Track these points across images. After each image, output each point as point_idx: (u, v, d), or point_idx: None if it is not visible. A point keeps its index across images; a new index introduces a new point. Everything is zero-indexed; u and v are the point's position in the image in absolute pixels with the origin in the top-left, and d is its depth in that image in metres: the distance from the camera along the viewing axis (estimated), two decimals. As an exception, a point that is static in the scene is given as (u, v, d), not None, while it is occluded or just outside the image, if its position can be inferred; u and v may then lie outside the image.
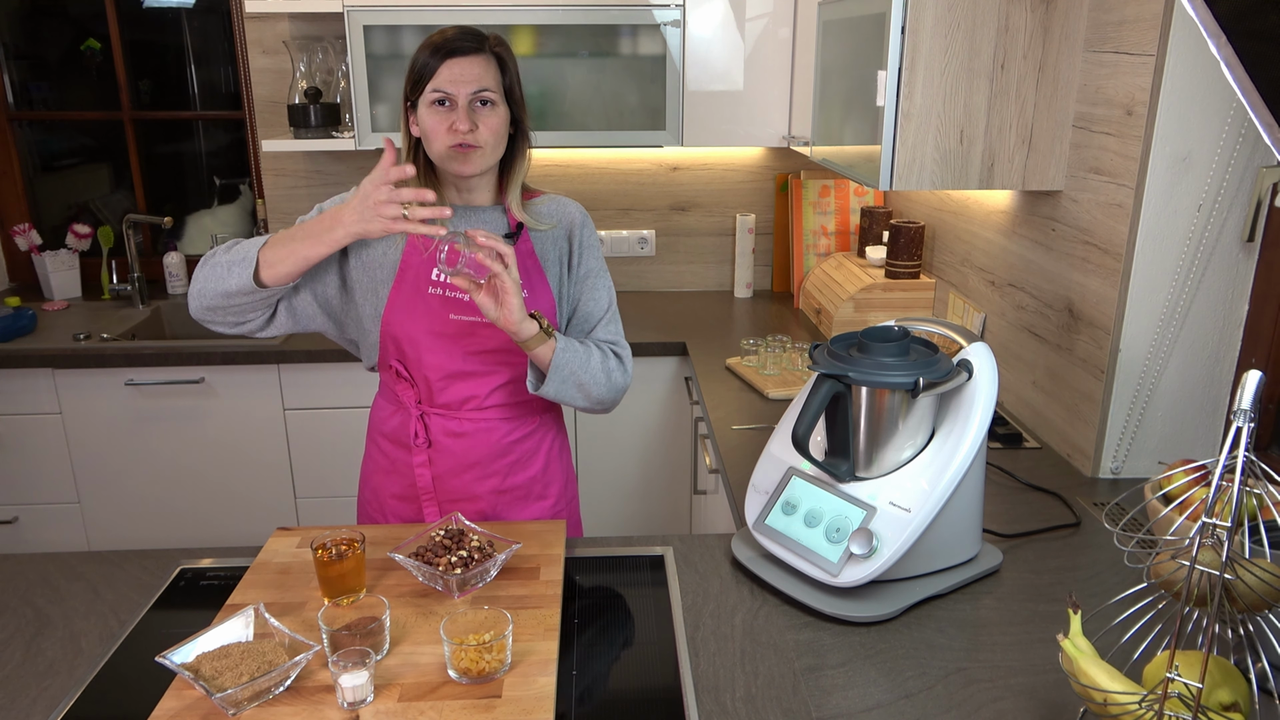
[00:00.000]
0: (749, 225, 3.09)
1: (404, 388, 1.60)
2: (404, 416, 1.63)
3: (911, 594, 1.34)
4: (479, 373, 1.58)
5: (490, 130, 1.49)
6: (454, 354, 1.57)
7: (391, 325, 1.55)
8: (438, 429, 1.61)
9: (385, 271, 1.55)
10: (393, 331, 1.55)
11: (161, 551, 1.50)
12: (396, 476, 1.66)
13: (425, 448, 1.61)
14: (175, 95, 3.26)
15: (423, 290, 1.55)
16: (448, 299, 1.54)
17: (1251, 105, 0.80)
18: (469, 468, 1.63)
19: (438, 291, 1.55)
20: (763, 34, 2.70)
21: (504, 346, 1.57)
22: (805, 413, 1.30)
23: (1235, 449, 0.87)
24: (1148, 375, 1.71)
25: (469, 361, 1.57)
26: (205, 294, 1.47)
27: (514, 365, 1.59)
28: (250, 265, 1.43)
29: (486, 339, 1.56)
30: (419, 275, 1.55)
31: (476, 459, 1.62)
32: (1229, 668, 0.99)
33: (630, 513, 2.86)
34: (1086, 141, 1.77)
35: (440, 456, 1.62)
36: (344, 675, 1.08)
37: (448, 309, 1.55)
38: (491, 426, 1.62)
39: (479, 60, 1.48)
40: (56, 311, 2.99)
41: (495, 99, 1.49)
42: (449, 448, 1.62)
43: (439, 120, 1.48)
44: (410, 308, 1.54)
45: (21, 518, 2.78)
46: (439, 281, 1.55)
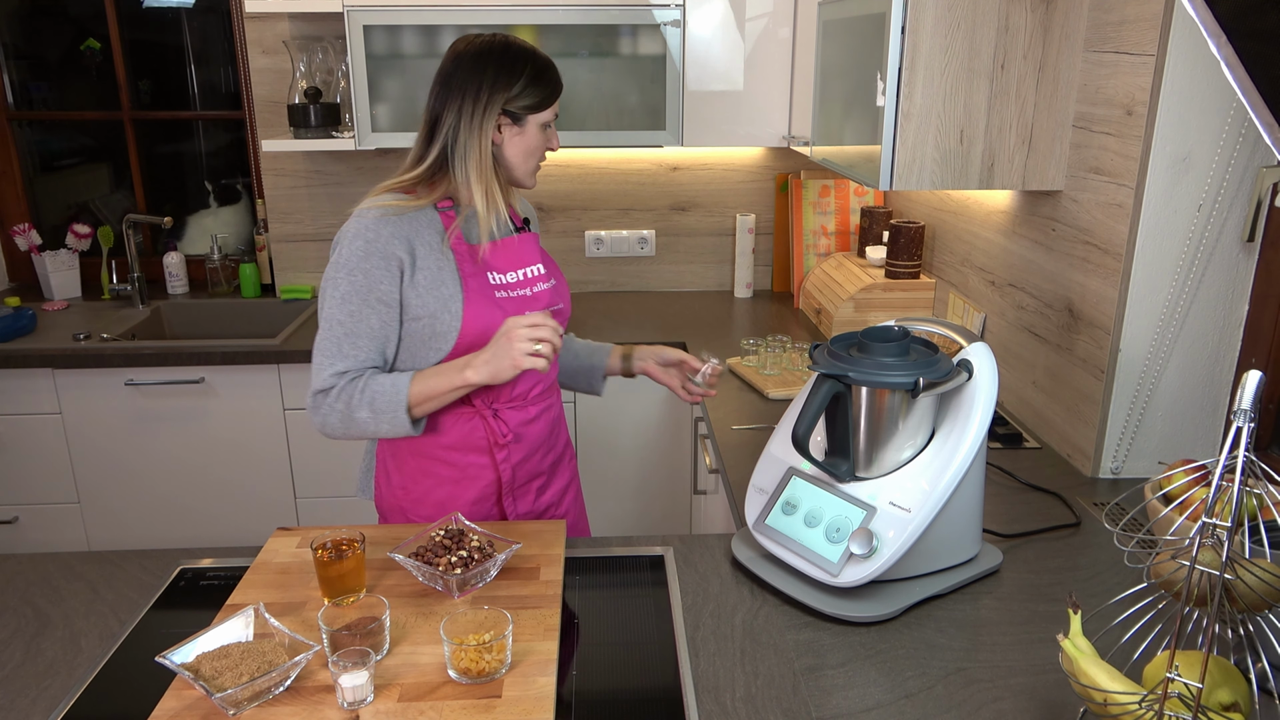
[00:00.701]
0: (749, 225, 3.09)
1: (477, 392, 1.58)
2: (472, 422, 1.60)
3: (911, 594, 1.34)
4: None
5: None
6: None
7: (472, 335, 1.53)
8: (515, 421, 1.64)
9: (449, 288, 1.52)
10: (474, 343, 1.53)
11: (161, 551, 1.50)
12: (468, 483, 1.63)
13: (513, 442, 1.64)
14: (175, 95, 3.26)
15: (492, 296, 1.56)
16: (515, 299, 1.58)
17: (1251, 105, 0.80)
18: (538, 449, 1.69)
19: (504, 294, 1.57)
20: (763, 34, 2.70)
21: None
22: (805, 413, 1.30)
23: (1235, 449, 0.87)
24: (1148, 375, 1.71)
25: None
26: (345, 437, 1.53)
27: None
28: (403, 420, 1.48)
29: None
30: (482, 284, 1.56)
31: (543, 438, 1.70)
32: (1229, 668, 0.99)
33: (630, 513, 2.86)
34: (1086, 141, 1.77)
35: (518, 446, 1.65)
36: (344, 675, 1.08)
37: (522, 307, 1.58)
38: (549, 405, 1.71)
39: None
40: (56, 311, 2.99)
41: None
42: (526, 435, 1.66)
43: (543, 140, 1.59)
44: (489, 316, 1.54)
45: (21, 518, 2.78)
46: (500, 284, 1.57)
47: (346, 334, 1.48)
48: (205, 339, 2.80)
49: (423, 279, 1.51)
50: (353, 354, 1.49)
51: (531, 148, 1.57)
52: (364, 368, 1.50)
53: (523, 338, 1.41)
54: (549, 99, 1.56)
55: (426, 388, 1.48)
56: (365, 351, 1.49)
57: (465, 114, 1.51)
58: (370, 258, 1.47)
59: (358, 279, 1.47)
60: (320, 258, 3.19)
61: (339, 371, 1.48)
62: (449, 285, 1.52)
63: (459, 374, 1.46)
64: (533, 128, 1.56)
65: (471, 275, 1.54)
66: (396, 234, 1.49)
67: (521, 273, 1.60)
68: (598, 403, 2.72)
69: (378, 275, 1.47)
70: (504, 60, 1.52)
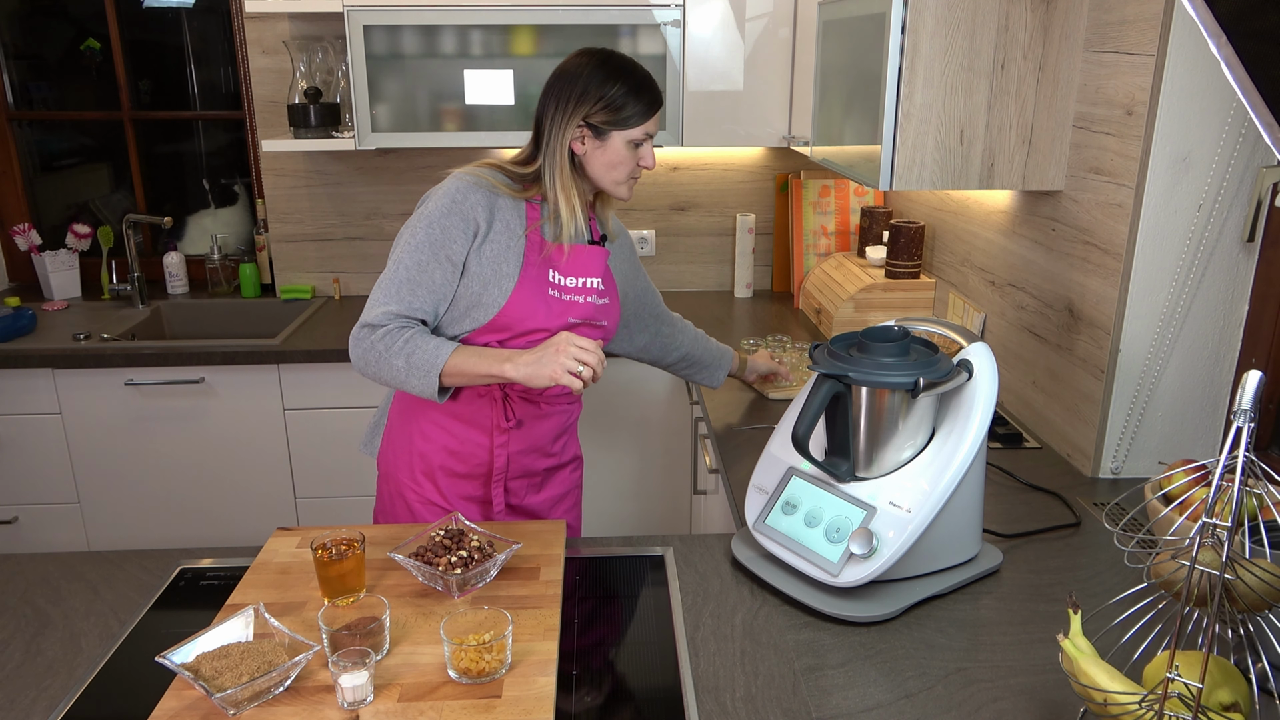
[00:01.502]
0: (749, 225, 3.09)
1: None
2: (485, 400, 1.65)
3: (911, 594, 1.34)
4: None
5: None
6: None
7: (510, 319, 1.57)
8: (524, 410, 1.67)
9: (510, 266, 1.57)
10: (509, 324, 1.57)
11: (161, 551, 1.50)
12: (462, 457, 1.68)
13: (515, 428, 1.67)
14: (175, 95, 3.26)
15: (543, 291, 1.60)
16: (565, 302, 1.61)
17: (1251, 105, 0.80)
18: (538, 448, 1.73)
19: (555, 294, 1.60)
20: (763, 34, 2.70)
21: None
22: (805, 413, 1.30)
23: (1235, 449, 0.87)
24: (1148, 375, 1.71)
25: None
26: (374, 377, 1.55)
27: None
28: (433, 383, 1.50)
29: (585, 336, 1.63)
30: (539, 275, 1.60)
31: (545, 440, 1.73)
32: (1229, 668, 0.99)
33: (630, 513, 2.86)
34: (1086, 141, 1.77)
35: (519, 436, 1.68)
36: (344, 675, 1.08)
37: (568, 312, 1.61)
38: (565, 411, 1.75)
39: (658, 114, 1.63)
40: (56, 311, 2.99)
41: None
42: (530, 430, 1.70)
43: (630, 155, 1.60)
44: (532, 306, 1.58)
45: (21, 518, 2.78)
46: (556, 284, 1.61)
47: (408, 280, 1.52)
48: (205, 339, 2.80)
49: (489, 250, 1.56)
50: (410, 300, 1.52)
51: (613, 162, 1.59)
52: (415, 317, 1.54)
53: (570, 355, 1.44)
54: (635, 117, 1.57)
55: (465, 363, 1.50)
56: (422, 301, 1.53)
57: (552, 122, 1.57)
58: (451, 215, 1.53)
59: (434, 233, 1.53)
60: (320, 257, 3.20)
61: (391, 312, 1.52)
62: (510, 264, 1.57)
63: (498, 364, 1.48)
64: (617, 142, 1.58)
65: (533, 265, 1.59)
66: (482, 203, 1.56)
67: (581, 281, 1.63)
68: (598, 402, 2.72)
69: (454, 234, 1.53)
70: (596, 73, 1.55)
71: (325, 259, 3.19)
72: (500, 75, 2.64)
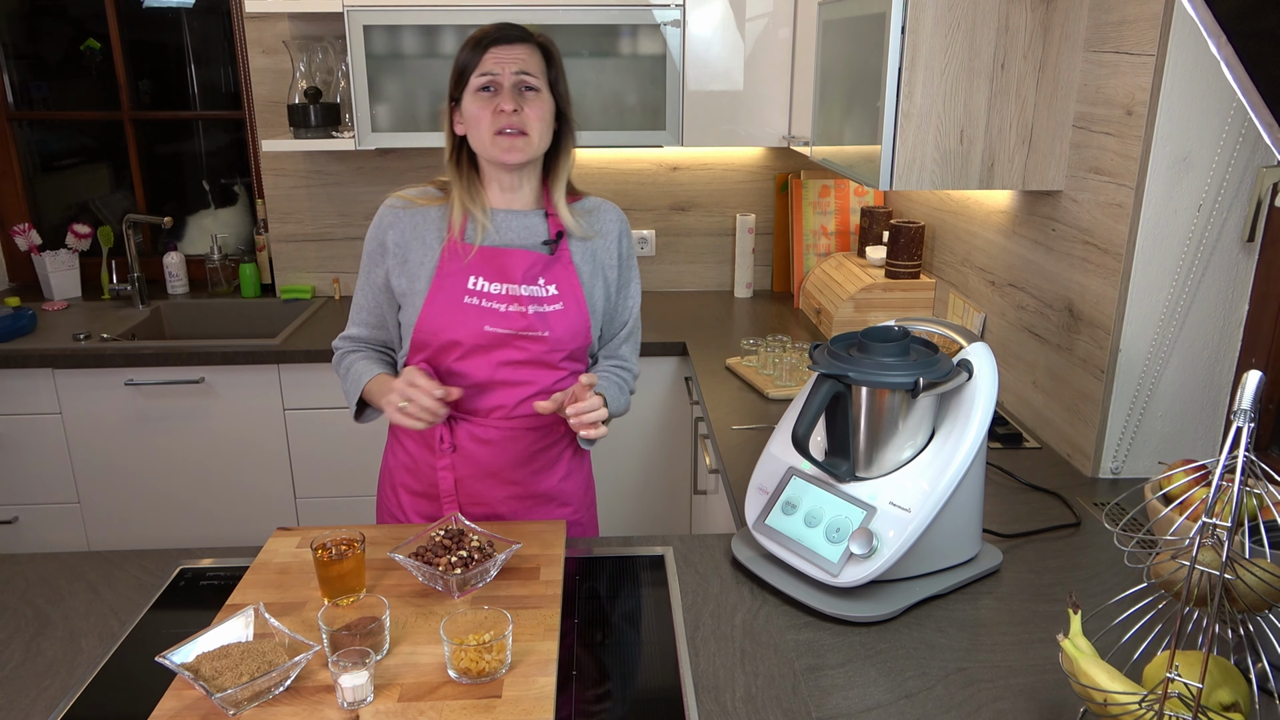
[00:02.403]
0: (749, 225, 3.09)
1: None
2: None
3: (911, 594, 1.34)
4: (510, 384, 1.56)
5: (536, 116, 1.49)
6: (486, 365, 1.54)
7: (425, 333, 1.53)
8: (464, 434, 1.59)
9: (423, 282, 1.54)
10: (426, 339, 1.53)
11: (161, 551, 1.50)
12: (417, 475, 1.64)
13: (450, 452, 1.60)
14: (175, 95, 3.26)
15: (459, 299, 1.52)
16: (484, 309, 1.52)
17: (1251, 105, 0.80)
18: (492, 474, 1.61)
19: (474, 301, 1.52)
20: (763, 34, 2.70)
21: (537, 360, 1.56)
22: (805, 413, 1.30)
23: (1235, 449, 0.87)
24: (1148, 375, 1.71)
25: (500, 372, 1.55)
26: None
27: (543, 379, 1.58)
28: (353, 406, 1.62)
29: (519, 350, 1.54)
30: (456, 283, 1.52)
31: (500, 466, 1.60)
32: (1229, 668, 0.99)
33: (630, 513, 2.86)
34: (1086, 141, 1.77)
35: (464, 461, 1.60)
36: (344, 675, 1.08)
37: (483, 319, 1.52)
38: (518, 436, 1.60)
39: (522, 47, 1.51)
40: (56, 311, 2.99)
41: (539, 86, 1.51)
42: (474, 454, 1.59)
43: (483, 105, 1.48)
44: (447, 316, 1.52)
45: (21, 518, 2.78)
46: (477, 291, 1.52)
47: (356, 306, 1.65)
48: (205, 339, 2.80)
49: (406, 270, 1.56)
50: (358, 321, 1.65)
51: (472, 119, 1.49)
52: (366, 338, 1.65)
53: (400, 393, 1.43)
54: (470, 62, 1.48)
55: (372, 393, 1.58)
56: (365, 325, 1.64)
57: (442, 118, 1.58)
58: (370, 242, 1.59)
59: (364, 261, 1.61)
60: (320, 257, 3.20)
61: (347, 335, 1.66)
62: (422, 280, 1.55)
63: (384, 397, 1.51)
64: (468, 100, 1.49)
65: (448, 275, 1.53)
66: (395, 225, 1.57)
67: (506, 288, 1.53)
68: (598, 403, 2.71)
69: (374, 260, 1.59)
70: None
71: (325, 259, 3.19)
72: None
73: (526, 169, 1.55)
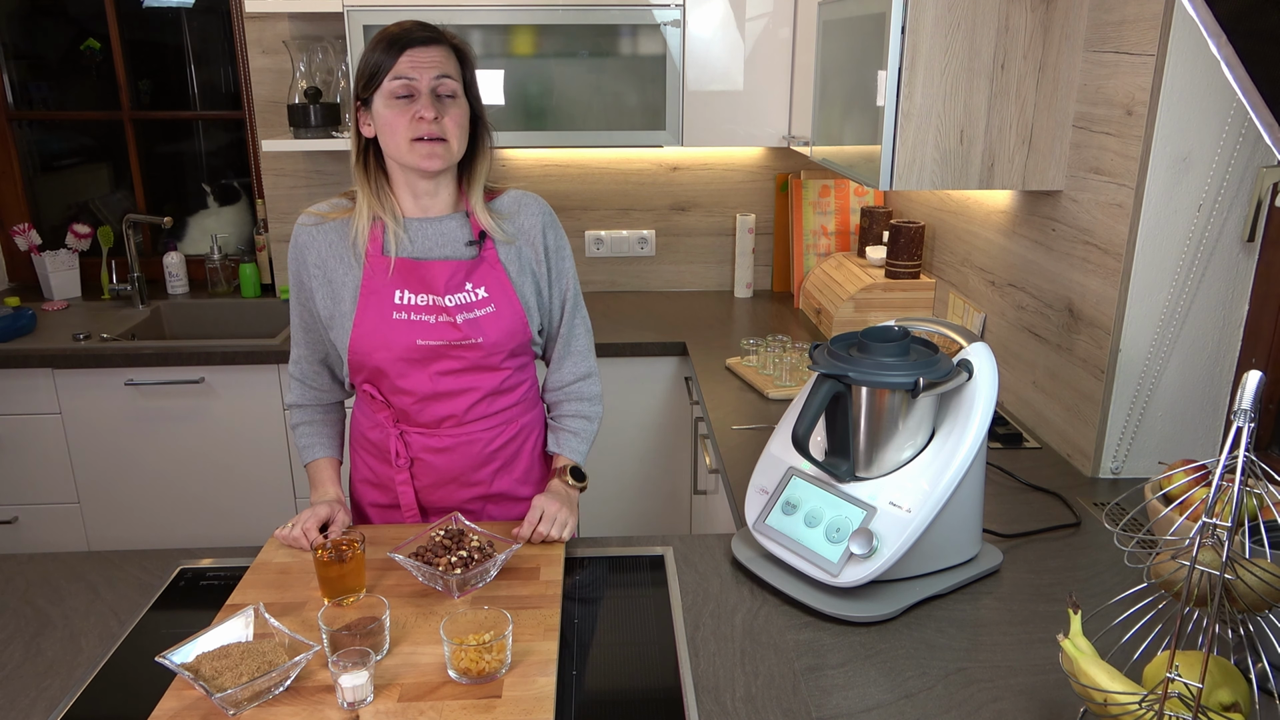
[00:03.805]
0: (749, 225, 3.09)
1: (379, 408, 1.56)
2: (383, 432, 1.58)
3: (911, 594, 1.34)
4: (454, 393, 1.53)
5: (454, 123, 1.44)
6: (425, 378, 1.51)
7: (359, 354, 1.50)
8: (419, 446, 1.57)
9: (348, 303, 1.50)
10: (360, 360, 1.51)
11: (161, 551, 1.50)
12: (380, 489, 1.63)
13: (407, 466, 1.58)
14: (175, 95, 3.26)
15: (387, 316, 1.48)
16: (413, 323, 1.48)
17: (1251, 105, 0.80)
18: (452, 480, 1.59)
19: (403, 316, 1.48)
20: (763, 34, 2.70)
21: (475, 366, 1.53)
22: (805, 413, 1.30)
23: (1235, 449, 0.87)
24: (1148, 375, 1.71)
25: (441, 383, 1.52)
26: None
27: (487, 383, 1.55)
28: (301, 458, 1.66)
29: (456, 360, 1.51)
30: (382, 300, 1.48)
31: (459, 471, 1.59)
32: (1229, 668, 0.99)
33: (630, 513, 2.86)
34: (1086, 141, 1.77)
35: (422, 471, 1.58)
36: (344, 675, 1.08)
37: (414, 334, 1.48)
38: (473, 439, 1.57)
39: (438, 50, 1.44)
40: (56, 311, 2.99)
41: (457, 90, 1.45)
42: (431, 463, 1.58)
43: (400, 112, 1.41)
44: (377, 335, 1.48)
45: (21, 518, 2.78)
46: (405, 305, 1.48)
47: (294, 327, 1.61)
48: (205, 339, 2.80)
49: (331, 290, 1.52)
50: (301, 342, 1.61)
51: (386, 126, 1.43)
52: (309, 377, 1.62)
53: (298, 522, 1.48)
54: (378, 70, 1.41)
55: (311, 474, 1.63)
56: (306, 346, 1.61)
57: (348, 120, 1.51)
58: (293, 263, 1.55)
59: (291, 281, 1.57)
60: (320, 258, 3.20)
61: (295, 359, 1.62)
62: (347, 301, 1.50)
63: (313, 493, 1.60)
64: (380, 105, 1.43)
65: (374, 291, 1.48)
66: (311, 244, 1.53)
67: (434, 299, 1.48)
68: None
69: (298, 280, 1.56)
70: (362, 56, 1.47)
71: (325, 259, 3.19)
72: (497, 75, 2.64)
73: (443, 174, 1.50)
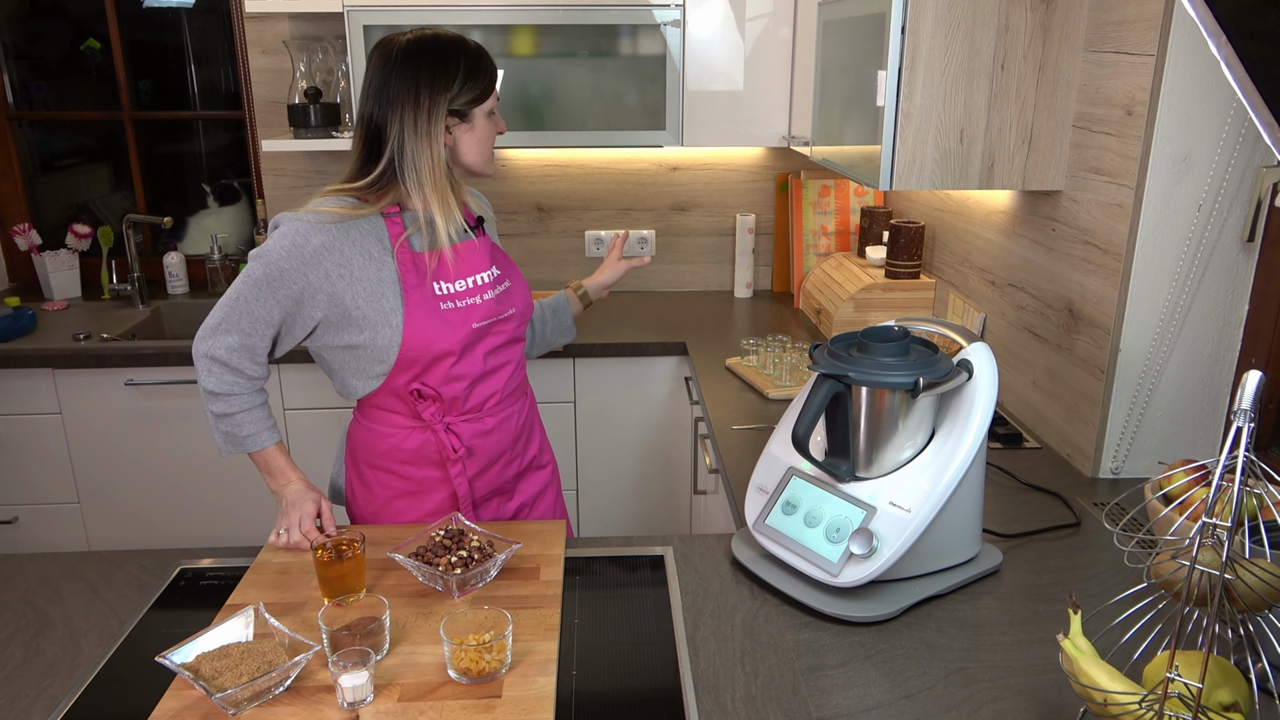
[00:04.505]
0: (749, 225, 3.09)
1: (425, 407, 1.57)
2: (424, 435, 1.60)
3: (911, 594, 1.34)
4: (496, 368, 1.63)
5: None
6: (478, 359, 1.59)
7: (414, 349, 1.50)
8: (469, 434, 1.62)
9: (390, 300, 1.50)
10: (414, 358, 1.51)
11: (161, 551, 1.50)
12: (426, 496, 1.63)
13: (466, 457, 1.62)
14: (175, 95, 3.26)
15: (436, 309, 1.52)
16: (461, 309, 1.54)
17: (1251, 105, 0.80)
18: (497, 460, 1.68)
19: (449, 305, 1.53)
20: (763, 34, 2.70)
21: (512, 338, 1.65)
22: (805, 413, 1.30)
23: (1235, 449, 0.87)
24: (1148, 375, 1.71)
25: (489, 361, 1.61)
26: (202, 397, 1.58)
27: (516, 353, 1.69)
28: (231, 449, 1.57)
29: (498, 335, 1.62)
30: (426, 295, 1.51)
31: (503, 449, 1.68)
32: (1229, 668, 0.99)
33: (630, 513, 2.86)
34: (1086, 141, 1.77)
35: (474, 460, 1.64)
36: (344, 675, 1.08)
37: (469, 319, 1.55)
38: (510, 414, 1.68)
39: None
40: (56, 311, 2.99)
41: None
42: (482, 448, 1.64)
43: (492, 127, 1.57)
44: (429, 334, 1.51)
45: (21, 518, 2.78)
46: (447, 295, 1.53)
47: (246, 312, 1.50)
48: (205, 339, 2.80)
49: (362, 290, 1.48)
50: (248, 330, 1.51)
51: (483, 138, 1.56)
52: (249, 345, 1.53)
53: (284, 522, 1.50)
54: (489, 87, 1.54)
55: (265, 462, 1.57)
56: (257, 335, 1.52)
57: (410, 123, 1.46)
58: (292, 258, 1.46)
59: (272, 272, 1.47)
60: (320, 258, 3.19)
61: (231, 347, 1.52)
62: (390, 298, 1.50)
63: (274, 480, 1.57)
64: (480, 119, 1.54)
65: (415, 287, 1.51)
66: (333, 245, 1.47)
67: (470, 280, 1.56)
68: (598, 402, 2.72)
69: (293, 275, 1.47)
70: (436, 59, 1.47)
71: (325, 259, 3.19)
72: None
73: None
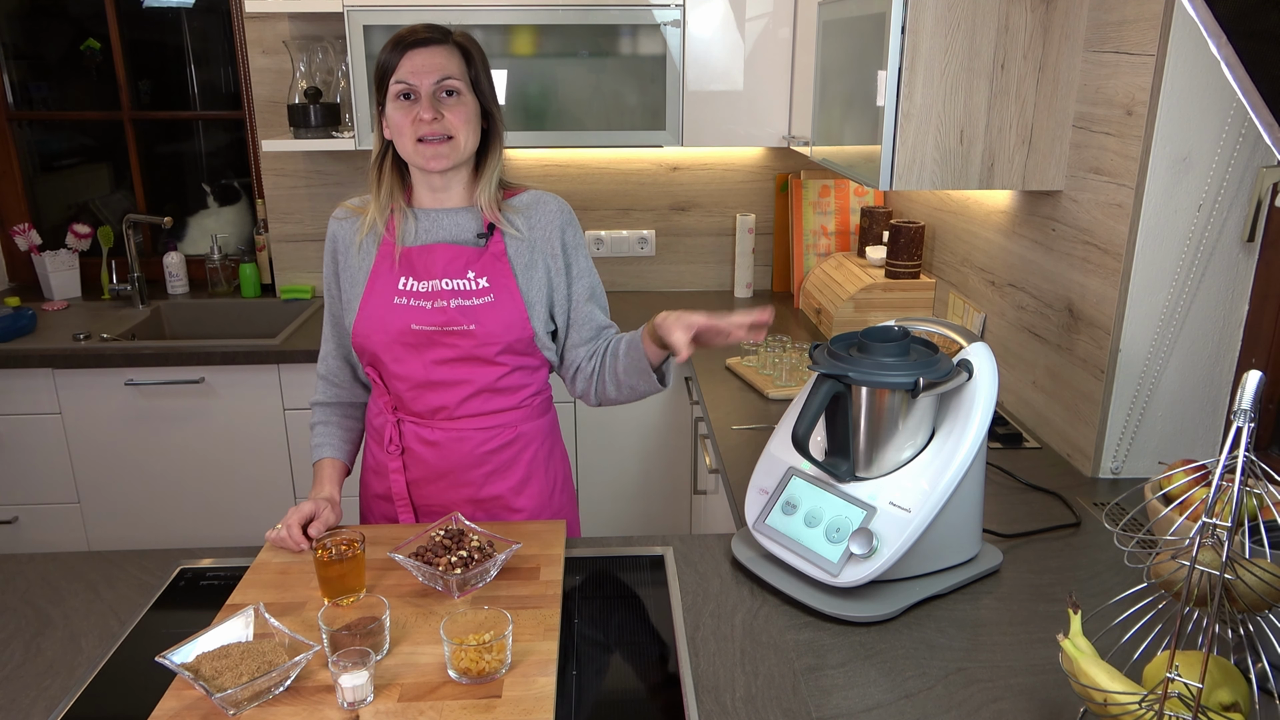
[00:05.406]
0: (749, 225, 3.09)
1: (379, 393, 1.60)
2: (383, 419, 1.62)
3: (911, 594, 1.34)
4: (446, 383, 1.55)
5: (459, 120, 1.47)
6: (418, 364, 1.54)
7: (359, 335, 1.55)
8: (411, 435, 1.59)
9: (359, 287, 1.57)
10: (361, 343, 1.56)
11: (161, 551, 1.50)
12: (380, 477, 1.65)
13: (399, 454, 1.60)
14: (175, 95, 3.26)
15: (388, 301, 1.53)
16: (410, 308, 1.52)
17: (1251, 105, 0.80)
18: (441, 476, 1.60)
19: (403, 301, 1.53)
20: (763, 34, 2.70)
21: (467, 357, 1.53)
22: (805, 413, 1.30)
23: (1235, 449, 0.87)
24: (1148, 375, 1.71)
25: (434, 371, 1.54)
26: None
27: (482, 377, 1.55)
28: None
29: (449, 348, 1.52)
30: (387, 285, 1.54)
31: (449, 468, 1.59)
32: (1229, 668, 0.99)
33: (630, 513, 2.86)
34: (1086, 141, 1.77)
35: (414, 463, 1.60)
36: (344, 675, 1.08)
37: (409, 318, 1.51)
38: (464, 436, 1.58)
39: (440, 50, 1.48)
40: (56, 311, 2.99)
41: (461, 88, 1.48)
42: (422, 455, 1.59)
43: (404, 114, 1.47)
44: (377, 318, 1.54)
45: (21, 518, 2.78)
46: (407, 291, 1.53)
47: (325, 323, 1.67)
48: (205, 339, 2.80)
49: (348, 277, 1.60)
50: (329, 338, 1.67)
51: (394, 127, 1.49)
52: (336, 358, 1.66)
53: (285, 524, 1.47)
54: (387, 75, 1.47)
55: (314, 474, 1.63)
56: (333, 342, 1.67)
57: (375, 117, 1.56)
58: (327, 255, 1.63)
59: (325, 275, 1.64)
60: (320, 258, 3.19)
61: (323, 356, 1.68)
62: (358, 285, 1.58)
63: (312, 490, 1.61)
64: (389, 107, 1.49)
65: (381, 275, 1.55)
66: (337, 235, 1.61)
67: (433, 284, 1.52)
68: (598, 403, 2.72)
69: (327, 264, 1.63)
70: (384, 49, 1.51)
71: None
72: (498, 75, 2.64)
73: (453, 171, 1.53)
